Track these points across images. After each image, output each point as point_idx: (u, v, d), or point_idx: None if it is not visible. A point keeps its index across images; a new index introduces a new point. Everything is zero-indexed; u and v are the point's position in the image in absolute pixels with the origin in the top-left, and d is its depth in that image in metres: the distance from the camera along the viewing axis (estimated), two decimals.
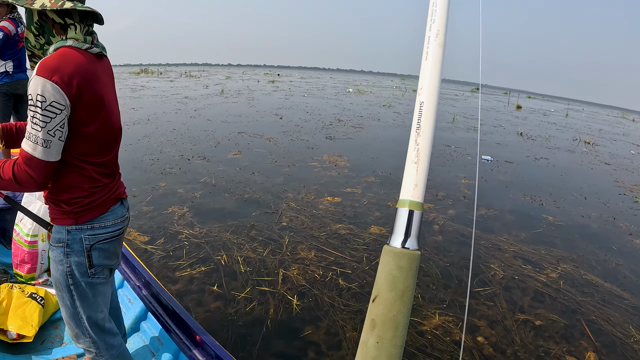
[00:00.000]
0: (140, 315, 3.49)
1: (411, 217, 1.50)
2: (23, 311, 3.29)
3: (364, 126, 14.90)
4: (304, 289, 4.48)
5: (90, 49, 1.96)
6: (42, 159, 1.81)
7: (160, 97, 23.85)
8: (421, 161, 1.52)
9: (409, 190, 1.52)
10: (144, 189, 7.49)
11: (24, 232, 3.92)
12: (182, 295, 4.33)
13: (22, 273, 3.95)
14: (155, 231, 5.78)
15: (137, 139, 11.67)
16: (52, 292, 3.66)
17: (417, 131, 1.53)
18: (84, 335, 2.28)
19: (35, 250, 3.94)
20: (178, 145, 11.05)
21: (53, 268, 2.15)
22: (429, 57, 1.57)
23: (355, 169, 9.17)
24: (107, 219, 2.13)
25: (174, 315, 3.09)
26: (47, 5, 1.84)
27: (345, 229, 5.95)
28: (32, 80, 1.77)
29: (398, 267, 1.46)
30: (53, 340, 3.35)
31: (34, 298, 3.41)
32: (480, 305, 4.38)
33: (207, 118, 15.92)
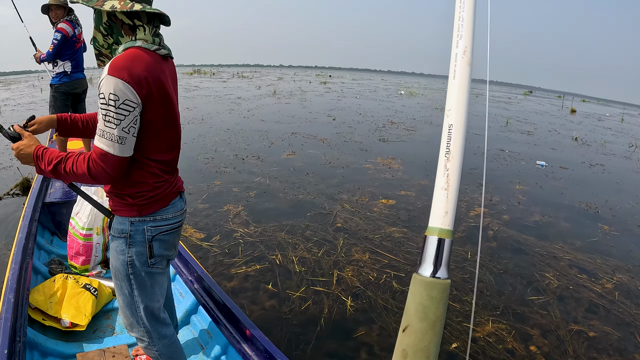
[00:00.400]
0: (191, 309, 3.57)
1: (441, 245, 1.47)
2: (77, 301, 3.42)
3: (416, 129, 14.80)
4: (358, 290, 4.48)
5: (158, 50, 2.04)
6: (117, 155, 1.89)
7: (214, 98, 24.53)
8: (451, 187, 1.48)
9: (439, 217, 1.48)
10: (199, 187, 7.62)
11: (80, 226, 4.08)
12: (237, 293, 4.39)
13: (77, 265, 4.11)
14: (211, 228, 5.86)
15: (192, 138, 11.90)
16: (105, 283, 3.81)
17: (447, 156, 1.49)
18: (138, 324, 2.35)
19: (90, 243, 4.10)
20: (232, 145, 11.18)
21: (113, 257, 2.23)
22: (456, 76, 1.49)
23: (409, 172, 9.10)
24: (168, 212, 2.21)
25: (224, 309, 3.14)
26: (117, 7, 1.92)
27: (400, 232, 5.92)
28: (104, 80, 1.84)
29: (429, 297, 1.45)
30: (105, 330, 3.47)
31: (87, 289, 3.55)
32: (534, 314, 4.31)
33: (260, 118, 16.06)
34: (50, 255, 4.43)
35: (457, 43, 1.49)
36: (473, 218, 6.64)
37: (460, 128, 1.48)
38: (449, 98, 1.50)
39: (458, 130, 1.48)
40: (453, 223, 1.46)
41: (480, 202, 7.38)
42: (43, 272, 4.01)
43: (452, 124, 1.49)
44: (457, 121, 1.48)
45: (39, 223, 4.55)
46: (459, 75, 1.49)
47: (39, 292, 3.42)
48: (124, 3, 1.93)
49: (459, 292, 4.56)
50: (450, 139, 1.49)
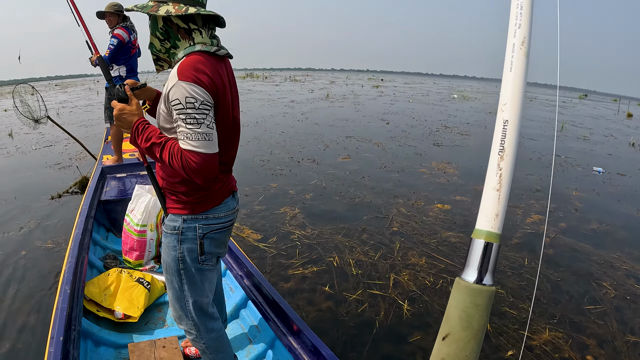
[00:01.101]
0: (240, 303, 3.66)
1: (488, 250, 1.40)
2: (130, 294, 3.59)
3: (471, 134, 14.62)
4: (414, 294, 4.50)
5: (217, 52, 2.11)
6: (208, 152, 1.96)
7: (267, 101, 25.24)
8: (503, 188, 1.41)
9: (489, 220, 1.41)
10: (255, 189, 7.83)
11: (134, 222, 4.28)
12: (294, 293, 4.50)
13: (131, 260, 4.30)
14: (267, 230, 6.02)
15: (247, 141, 12.22)
16: (158, 277, 3.99)
17: (500, 154, 1.40)
18: (186, 317, 2.44)
19: (144, 239, 4.29)
20: (287, 148, 11.40)
21: (165, 253, 2.32)
22: (513, 68, 1.39)
23: (464, 177, 9.04)
24: (220, 211, 2.28)
25: (273, 304, 3.21)
26: (171, 12, 2.00)
27: (456, 237, 5.91)
28: (175, 87, 1.93)
29: (474, 305, 1.39)
30: (156, 322, 3.61)
31: (141, 282, 3.72)
32: (591, 323, 4.25)
33: (314, 122, 16.26)
34: (105, 251, 4.70)
35: (515, 32, 1.40)
36: (530, 225, 6.58)
37: (515, 124, 1.40)
38: (504, 91, 1.41)
39: (513, 126, 1.40)
40: (502, 227, 1.40)
41: (536, 208, 7.35)
42: (98, 266, 4.25)
43: (508, 119, 1.40)
44: (513, 117, 1.40)
45: (95, 220, 4.84)
46: (516, 68, 1.40)
47: (94, 284, 3.64)
48: (179, 7, 2.01)
49: (515, 299, 4.54)
50: (505, 135, 1.40)
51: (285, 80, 53.83)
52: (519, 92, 1.38)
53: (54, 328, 2.62)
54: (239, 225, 6.10)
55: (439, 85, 59.51)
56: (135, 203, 4.34)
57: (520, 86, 1.39)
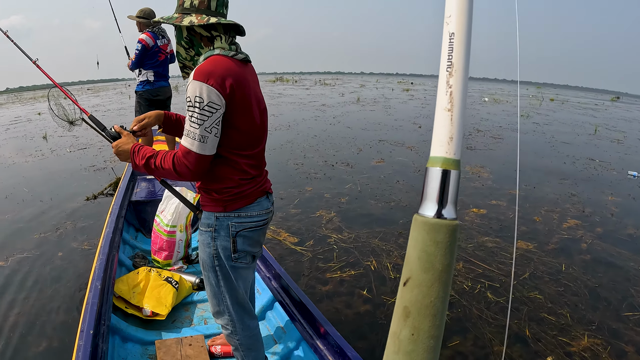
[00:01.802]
0: (267, 305, 3.72)
1: (446, 178, 1.24)
2: (158, 292, 3.69)
3: (503, 137, 14.46)
4: (452, 299, 4.51)
5: (235, 56, 2.23)
6: (199, 153, 2.07)
7: (298, 105, 25.63)
8: (456, 107, 1.26)
9: (442, 144, 1.26)
10: (290, 192, 7.96)
11: (164, 223, 4.41)
12: (332, 297, 4.57)
13: (160, 259, 4.42)
14: (304, 233, 6.10)
15: (281, 144, 12.56)
16: (186, 277, 4.09)
17: (449, 70, 1.26)
18: (224, 312, 2.52)
19: (173, 240, 4.40)
20: (321, 152, 11.54)
21: (201, 250, 2.41)
22: None
23: (498, 181, 9.01)
24: (253, 209, 2.36)
25: (300, 305, 3.26)
26: (194, 22, 2.15)
27: (492, 242, 5.90)
28: (190, 85, 2.05)
29: (434, 242, 1.22)
30: (183, 321, 3.70)
31: (169, 282, 3.83)
32: (629, 330, 4.22)
33: (346, 125, 16.34)
34: (134, 250, 4.86)
35: None
36: (566, 230, 6.55)
37: (463, 36, 1.25)
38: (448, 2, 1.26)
39: (461, 38, 1.25)
40: (460, 151, 1.25)
41: (572, 213, 7.34)
42: (127, 265, 4.39)
43: (454, 32, 1.25)
44: (460, 28, 1.25)
45: (125, 220, 5.01)
46: None
47: (123, 282, 3.77)
48: (201, 17, 2.16)
49: (553, 305, 4.53)
50: (452, 50, 1.25)
51: (315, 84, 54.01)
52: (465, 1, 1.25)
53: (84, 322, 2.73)
54: (275, 228, 6.18)
55: (470, 88, 58.96)
56: (166, 204, 4.48)
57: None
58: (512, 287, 4.86)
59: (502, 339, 3.94)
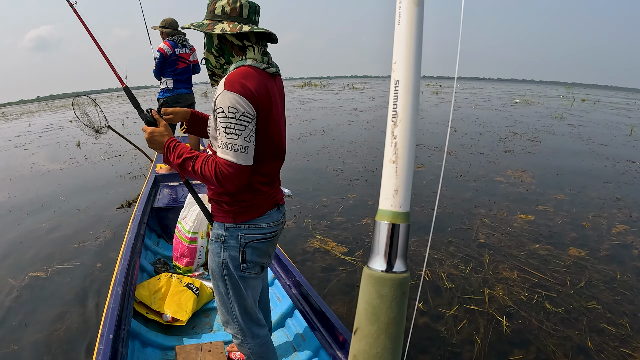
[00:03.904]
0: (286, 312, 3.73)
1: (394, 232, 1.24)
2: (179, 298, 3.76)
3: (540, 139, 14.18)
4: (511, 310, 4.40)
5: (267, 69, 2.22)
6: (242, 164, 2.05)
7: (330, 109, 26.15)
8: (401, 158, 1.24)
9: (388, 197, 1.25)
10: (333, 200, 7.99)
11: (186, 229, 4.48)
12: None
13: (181, 265, 4.50)
14: (352, 242, 6.07)
15: (317, 150, 12.79)
16: (207, 284, 4.16)
17: (394, 120, 1.24)
18: (233, 322, 2.54)
19: (195, 246, 4.48)
20: (359, 157, 11.60)
21: (211, 259, 2.45)
22: (401, 19, 1.22)
23: (541, 185, 8.84)
24: (263, 222, 2.36)
25: (319, 314, 3.23)
26: (227, 30, 2.12)
27: (544, 249, 5.75)
28: (221, 95, 2.03)
29: (379, 296, 1.25)
30: (203, 327, 3.75)
31: (190, 288, 3.88)
32: None
33: (381, 130, 16.26)
34: (156, 256, 4.94)
35: None
36: (616, 236, 6.36)
37: (409, 84, 1.22)
38: (395, 49, 1.23)
39: (406, 86, 1.23)
40: (408, 203, 1.24)
41: (620, 218, 7.14)
42: (149, 271, 4.49)
43: (399, 79, 1.23)
44: (405, 76, 1.22)
45: (147, 226, 5.11)
46: (405, 19, 1.22)
47: (144, 287, 3.84)
48: (233, 25, 2.14)
49: (612, 315, 4.40)
50: (397, 98, 1.23)
51: (344, 88, 54.21)
52: (412, 48, 1.21)
53: (105, 326, 2.78)
54: (322, 237, 6.15)
55: (499, 90, 58.53)
56: (187, 211, 4.56)
57: (412, 41, 1.22)
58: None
59: (565, 351, 3.83)
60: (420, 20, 1.23)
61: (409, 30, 1.22)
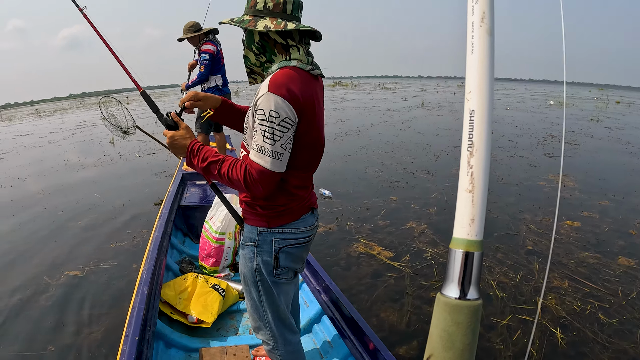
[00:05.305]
0: (314, 318, 3.62)
1: (469, 260, 1.24)
2: (205, 299, 3.71)
3: (579, 142, 13.87)
4: (565, 320, 4.29)
5: (311, 71, 2.13)
6: (273, 171, 1.97)
7: (363, 109, 26.34)
8: (477, 188, 1.24)
9: (464, 226, 1.25)
10: (375, 202, 7.93)
11: (213, 230, 4.44)
12: None
13: (207, 266, 4.46)
14: (397, 247, 5.99)
15: (355, 150, 12.74)
16: (233, 285, 4.11)
17: (469, 150, 1.24)
18: (265, 328, 2.46)
19: (222, 247, 4.42)
20: (397, 158, 11.56)
21: (242, 264, 2.37)
22: (475, 49, 1.22)
23: (585, 191, 8.60)
24: (297, 226, 2.27)
25: (350, 321, 3.11)
26: (270, 27, 2.01)
27: (593, 257, 5.58)
28: (264, 97, 1.93)
29: (455, 323, 1.24)
30: (228, 329, 3.69)
31: (216, 289, 3.83)
32: None
33: (417, 131, 16.33)
34: (181, 255, 4.91)
35: (473, 9, 1.23)
36: None
37: (484, 114, 1.22)
38: (468, 78, 1.23)
39: (481, 117, 1.22)
40: (482, 232, 1.25)
41: None
42: (174, 270, 4.46)
43: (474, 109, 1.22)
44: (480, 106, 1.22)
45: (174, 224, 5.07)
46: (479, 48, 1.22)
47: (169, 287, 3.81)
48: (277, 22, 2.02)
49: None
50: (472, 128, 1.23)
51: (375, 89, 54.15)
52: (486, 78, 1.22)
53: (129, 327, 2.74)
54: (367, 241, 6.08)
55: (532, 91, 57.68)
56: (215, 211, 4.53)
57: (486, 70, 1.22)
58: None
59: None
60: (492, 50, 1.23)
61: (482, 60, 1.23)
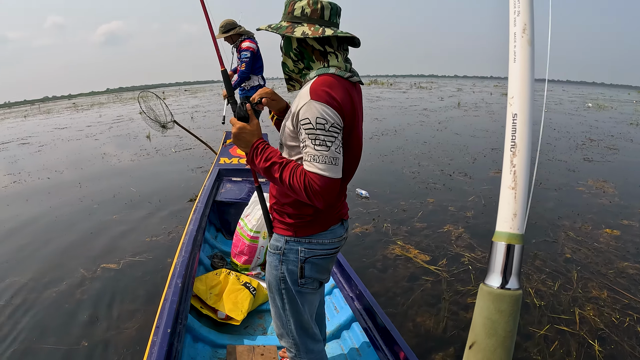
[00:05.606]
0: (344, 324, 3.56)
1: (510, 252, 1.33)
2: (235, 297, 3.72)
3: (618, 147, 13.51)
4: (603, 333, 4.20)
5: (350, 78, 2.09)
6: (333, 177, 1.92)
7: (399, 108, 26.26)
8: (519, 186, 1.33)
9: (507, 220, 1.34)
10: (412, 204, 7.89)
11: (248, 227, 4.43)
12: None
13: (239, 263, 4.47)
14: (434, 250, 5.93)
15: (391, 150, 12.68)
16: (264, 285, 4.07)
17: (512, 150, 1.34)
18: (287, 335, 2.45)
19: (255, 245, 4.42)
20: (434, 159, 11.49)
21: (268, 272, 2.35)
22: (517, 58, 1.34)
23: (625, 198, 8.37)
24: (325, 237, 2.24)
25: (382, 329, 3.05)
26: (308, 34, 1.99)
27: (633, 268, 5.45)
28: (307, 105, 1.91)
29: (498, 311, 1.31)
30: (256, 328, 3.68)
31: (247, 287, 3.84)
32: None
33: (454, 132, 16.14)
34: (213, 250, 4.94)
35: (515, 21, 1.35)
36: None
37: (525, 117, 1.34)
38: (511, 84, 1.36)
39: (523, 119, 1.34)
40: (524, 227, 1.33)
41: None
42: (206, 264, 4.49)
43: (517, 113, 1.34)
44: (522, 109, 1.34)
45: (208, 219, 5.08)
46: (520, 57, 1.34)
47: (201, 281, 3.84)
48: (315, 29, 2.00)
49: None
50: (515, 130, 1.34)
51: (411, 88, 53.83)
52: (526, 84, 1.34)
53: (161, 318, 2.76)
54: (403, 244, 6.03)
55: (569, 93, 56.54)
56: (252, 209, 4.53)
57: (527, 77, 1.34)
58: None
59: None
60: (533, 58, 1.35)
61: (524, 68, 1.34)
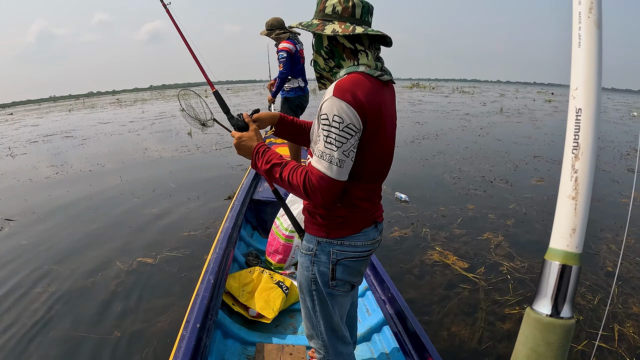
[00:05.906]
0: (375, 327, 3.51)
1: (565, 274, 1.15)
2: (268, 295, 3.73)
3: None
4: None
5: (380, 77, 2.03)
6: (334, 178, 1.90)
7: (441, 113, 26.10)
8: (581, 195, 1.13)
9: (564, 236, 1.17)
10: (451, 209, 7.80)
11: (284, 227, 4.46)
12: (512, 336, 4.16)
13: (273, 261, 4.48)
14: (472, 258, 5.84)
15: (432, 155, 12.59)
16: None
17: (575, 152, 1.14)
18: (317, 337, 2.43)
19: (290, 245, 4.43)
20: (475, 165, 11.36)
21: (299, 272, 2.33)
22: (582, 42, 1.12)
23: None
24: (357, 239, 2.19)
25: (412, 335, 3.00)
26: (338, 31, 1.96)
27: None
28: (328, 101, 1.89)
29: (546, 343, 1.13)
30: (286, 327, 3.67)
31: (280, 286, 3.85)
32: None
33: (496, 138, 15.92)
34: (248, 248, 4.97)
35: None
36: None
37: (591, 113, 1.11)
38: (575, 73, 1.12)
39: (589, 116, 1.11)
40: (582, 244, 1.15)
41: None
42: (240, 262, 4.49)
43: (581, 107, 1.12)
44: (587, 104, 1.11)
45: (244, 216, 5.11)
46: (586, 41, 1.11)
47: (234, 278, 3.86)
48: (345, 26, 1.97)
49: None
50: (578, 128, 1.13)
51: (453, 92, 53.39)
52: (593, 73, 1.11)
53: (192, 313, 2.78)
54: (441, 249, 5.97)
55: (614, 101, 55.20)
56: None
57: (594, 65, 1.11)
58: None
59: None
60: (600, 43, 1.13)
61: (590, 54, 1.13)
